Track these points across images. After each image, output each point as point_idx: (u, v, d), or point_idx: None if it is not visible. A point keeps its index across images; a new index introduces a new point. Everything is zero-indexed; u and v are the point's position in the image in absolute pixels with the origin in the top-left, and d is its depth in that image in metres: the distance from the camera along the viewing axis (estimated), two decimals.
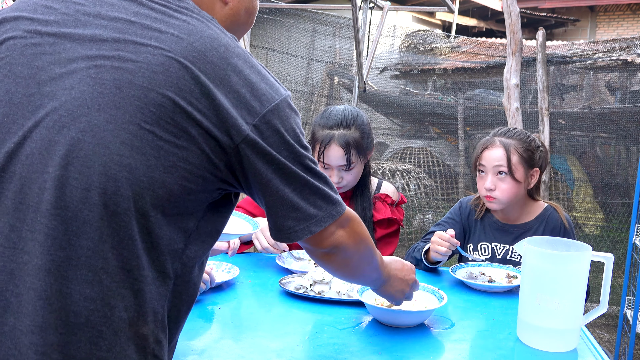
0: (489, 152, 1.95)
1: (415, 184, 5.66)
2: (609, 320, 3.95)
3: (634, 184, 4.01)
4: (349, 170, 1.95)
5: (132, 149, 0.81)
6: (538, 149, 1.98)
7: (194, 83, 0.84)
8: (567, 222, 1.97)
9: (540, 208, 2.02)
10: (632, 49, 5.13)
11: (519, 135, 1.97)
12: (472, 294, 1.70)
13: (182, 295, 0.92)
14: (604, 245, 4.77)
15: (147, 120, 0.82)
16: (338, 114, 1.97)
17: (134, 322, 0.83)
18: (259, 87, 0.89)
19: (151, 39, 0.85)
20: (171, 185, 0.84)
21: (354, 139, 1.93)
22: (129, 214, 0.81)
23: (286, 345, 1.28)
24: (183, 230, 0.88)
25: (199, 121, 0.84)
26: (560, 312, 1.30)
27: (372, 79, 6.51)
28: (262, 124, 0.88)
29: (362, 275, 1.16)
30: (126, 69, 0.83)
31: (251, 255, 2.01)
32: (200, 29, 0.88)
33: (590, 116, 5.17)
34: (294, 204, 0.93)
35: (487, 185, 1.93)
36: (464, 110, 6.07)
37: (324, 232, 0.97)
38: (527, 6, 10.76)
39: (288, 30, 6.77)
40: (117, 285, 0.81)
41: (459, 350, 1.31)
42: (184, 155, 0.84)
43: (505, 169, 1.91)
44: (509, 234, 1.99)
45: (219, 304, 1.52)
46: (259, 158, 0.89)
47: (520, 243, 1.41)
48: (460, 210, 2.12)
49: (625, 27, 12.24)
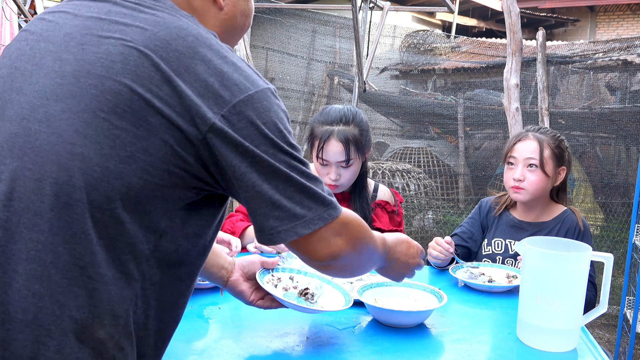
0: (522, 144, 2.00)
1: (415, 184, 5.65)
2: (609, 320, 3.95)
3: (634, 184, 4.01)
4: (347, 167, 1.95)
5: (85, 138, 0.79)
6: (567, 149, 2.04)
7: (153, 70, 0.81)
8: (583, 224, 2.00)
9: (559, 210, 2.05)
10: (632, 49, 5.13)
11: (551, 132, 2.04)
12: (472, 294, 1.70)
13: (151, 300, 0.86)
14: (604, 245, 4.77)
15: (103, 109, 0.79)
16: (337, 111, 1.98)
17: (87, 324, 0.78)
18: (230, 77, 0.84)
19: (115, 32, 0.84)
20: (129, 178, 0.80)
21: (353, 135, 1.94)
22: (81, 206, 0.78)
23: (286, 345, 1.28)
24: (151, 230, 0.83)
25: (159, 109, 0.80)
26: (560, 312, 1.30)
27: (372, 79, 6.51)
28: (232, 114, 0.83)
29: (363, 272, 1.12)
30: (86, 60, 0.82)
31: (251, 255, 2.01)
32: (168, 21, 0.86)
33: (590, 116, 5.17)
34: (275, 202, 0.86)
35: (517, 176, 1.97)
36: (464, 110, 6.07)
37: (316, 237, 0.90)
38: (527, 6, 10.76)
39: (288, 30, 6.77)
40: (68, 282, 0.77)
41: (459, 350, 1.31)
42: (143, 145, 0.80)
43: (537, 162, 1.96)
44: (524, 231, 2.02)
45: (219, 304, 1.52)
46: (230, 149, 0.83)
47: (521, 243, 1.41)
48: (480, 209, 2.17)
49: (625, 27, 12.24)
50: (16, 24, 3.73)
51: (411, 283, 1.56)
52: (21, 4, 3.54)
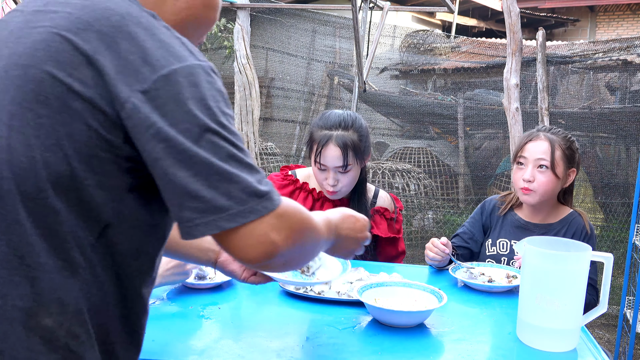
0: (533, 144, 1.96)
1: (415, 184, 5.65)
2: (609, 320, 3.95)
3: (634, 184, 4.00)
4: (345, 173, 1.93)
5: (11, 130, 0.79)
6: (577, 150, 2.01)
7: (74, 53, 0.79)
8: (590, 228, 1.97)
9: (566, 212, 2.02)
10: (632, 49, 5.12)
11: (562, 133, 2.00)
12: (472, 294, 1.70)
13: (108, 287, 0.83)
14: (604, 245, 4.77)
15: (27, 99, 0.79)
16: (337, 116, 1.97)
17: (33, 313, 0.78)
18: (153, 54, 0.79)
19: (44, 21, 0.83)
20: (57, 166, 0.78)
21: (352, 141, 1.92)
22: (12, 197, 0.78)
23: (286, 345, 1.28)
24: (92, 219, 0.81)
25: (80, 93, 0.78)
26: (560, 312, 1.30)
27: (372, 79, 6.51)
28: (153, 90, 0.77)
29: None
30: (16, 52, 0.82)
31: None
32: (96, 2, 0.84)
33: (590, 116, 5.17)
34: (192, 191, 0.77)
35: (527, 177, 1.93)
36: (464, 110, 6.07)
37: (244, 232, 0.79)
38: (527, 6, 10.76)
39: (288, 30, 6.77)
40: (7, 272, 0.78)
41: (459, 350, 1.31)
42: (67, 131, 0.78)
43: (548, 163, 1.92)
44: (529, 232, 1.97)
45: (219, 304, 1.52)
46: (142, 131, 0.77)
47: (521, 243, 1.41)
48: (483, 208, 2.13)
49: (625, 27, 12.24)
50: None
51: (411, 283, 1.56)
52: None
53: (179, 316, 1.43)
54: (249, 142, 4.09)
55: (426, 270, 1.94)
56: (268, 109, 7.14)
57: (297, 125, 7.08)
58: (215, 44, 7.93)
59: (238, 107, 4.11)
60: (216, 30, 7.71)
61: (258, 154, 4.31)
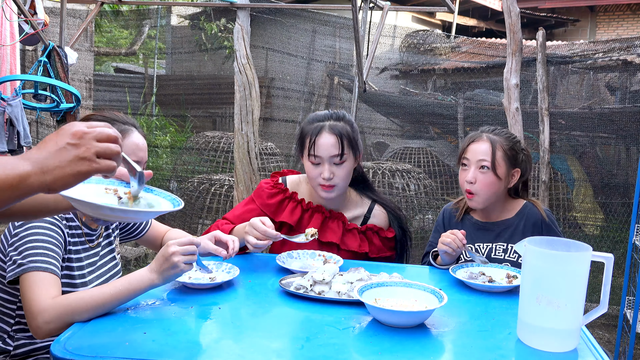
0: (475, 145, 1.99)
1: (415, 184, 5.65)
2: (609, 320, 3.95)
3: (634, 184, 4.00)
4: (340, 165, 1.91)
5: None
6: (522, 151, 2.03)
7: None
8: (547, 216, 1.99)
9: (519, 205, 2.04)
10: (632, 49, 5.12)
11: (505, 134, 2.02)
12: (472, 294, 1.70)
13: None
14: (604, 245, 4.77)
15: None
16: (326, 111, 1.98)
17: None
18: None
19: None
20: None
21: (346, 130, 1.91)
22: None
23: (286, 345, 1.28)
24: None
25: None
26: (560, 312, 1.30)
27: (372, 79, 6.51)
28: None
29: None
30: None
31: (251, 256, 2.01)
32: None
33: (590, 116, 5.17)
34: None
35: (469, 178, 1.96)
36: (464, 110, 6.06)
37: None
38: (527, 6, 10.76)
39: (288, 30, 6.77)
40: None
41: (459, 350, 1.31)
42: None
43: (489, 164, 1.94)
44: (490, 232, 2.02)
45: (219, 304, 1.52)
46: None
47: (521, 243, 1.41)
48: (443, 217, 2.15)
49: (625, 27, 12.24)
50: (16, 24, 3.73)
51: (411, 283, 1.56)
52: (21, 4, 3.54)
53: (179, 316, 1.43)
54: (249, 142, 4.08)
55: (426, 270, 1.94)
56: (268, 109, 7.14)
57: (297, 126, 7.08)
58: (215, 44, 7.93)
59: (238, 107, 4.10)
60: (216, 30, 7.71)
61: (258, 154, 4.31)
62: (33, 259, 1.48)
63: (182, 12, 8.78)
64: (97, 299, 1.39)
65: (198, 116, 8.00)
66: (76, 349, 1.22)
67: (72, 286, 1.60)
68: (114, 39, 11.05)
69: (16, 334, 1.63)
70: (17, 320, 1.63)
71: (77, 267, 1.63)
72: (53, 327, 1.38)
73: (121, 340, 1.27)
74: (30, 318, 1.40)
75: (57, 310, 1.38)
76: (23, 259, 1.48)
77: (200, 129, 7.44)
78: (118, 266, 1.83)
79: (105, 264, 1.76)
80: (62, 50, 3.83)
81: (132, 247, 4.96)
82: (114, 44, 10.76)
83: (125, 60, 11.44)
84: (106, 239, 1.79)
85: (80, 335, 1.30)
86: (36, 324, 1.38)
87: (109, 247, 1.80)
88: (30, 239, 1.51)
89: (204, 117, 8.12)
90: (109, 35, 10.64)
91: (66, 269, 1.60)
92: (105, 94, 8.25)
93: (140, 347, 1.24)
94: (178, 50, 8.71)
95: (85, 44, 7.04)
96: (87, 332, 1.32)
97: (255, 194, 2.11)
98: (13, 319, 1.63)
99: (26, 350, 1.63)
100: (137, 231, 1.97)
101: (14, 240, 1.52)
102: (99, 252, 1.74)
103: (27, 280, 1.44)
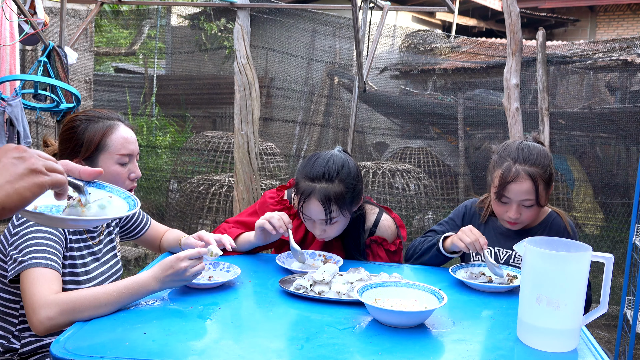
0: (516, 186, 1.84)
1: (415, 184, 5.65)
2: (609, 320, 3.95)
3: (634, 184, 4.00)
4: (332, 224, 1.89)
5: None
6: (552, 162, 1.93)
7: None
8: (571, 228, 1.97)
9: (544, 214, 2.01)
10: (632, 49, 5.13)
11: (540, 160, 1.87)
12: (472, 294, 1.70)
13: None
14: (604, 245, 4.77)
15: None
16: (321, 165, 1.87)
17: None
18: None
19: None
20: None
21: (336, 194, 1.83)
22: None
23: (286, 346, 1.28)
24: None
25: None
26: (560, 312, 1.30)
27: (372, 79, 6.51)
28: None
29: None
30: None
31: (251, 256, 2.01)
32: None
33: (590, 116, 5.17)
34: None
35: (512, 216, 1.89)
36: (464, 110, 6.06)
37: None
38: (527, 6, 10.76)
39: (288, 30, 6.77)
40: None
41: (459, 350, 1.31)
42: None
43: (533, 201, 1.86)
44: (511, 239, 1.96)
45: (219, 304, 1.52)
46: None
47: (521, 243, 1.41)
48: (465, 213, 2.10)
49: (625, 27, 12.24)
50: (16, 24, 3.73)
51: (411, 283, 1.56)
52: (21, 4, 3.54)
53: (179, 316, 1.43)
54: (249, 142, 4.08)
55: (426, 270, 1.94)
56: (268, 109, 7.14)
57: (297, 125, 7.08)
58: (215, 44, 7.93)
59: (238, 107, 4.10)
60: (216, 30, 7.71)
61: (258, 154, 4.31)
62: (33, 255, 1.48)
63: (182, 12, 8.78)
64: (100, 298, 1.40)
65: (198, 116, 8.01)
66: (76, 349, 1.22)
67: (77, 283, 1.61)
68: (114, 39, 11.05)
69: (21, 333, 1.63)
70: (21, 320, 1.63)
71: (80, 264, 1.64)
72: (55, 323, 1.38)
73: (121, 340, 1.27)
74: (31, 312, 1.40)
75: (60, 307, 1.38)
76: (23, 256, 1.48)
77: (200, 129, 7.44)
78: (120, 263, 1.84)
79: (108, 261, 1.77)
80: (62, 50, 3.83)
81: (132, 247, 4.96)
82: (114, 44, 10.77)
83: (125, 60, 11.44)
84: (108, 236, 1.80)
85: (80, 335, 1.30)
86: (37, 319, 1.38)
87: (111, 245, 1.81)
88: (31, 236, 1.51)
89: (204, 117, 8.12)
90: (109, 35, 10.65)
91: (70, 267, 1.61)
92: (105, 94, 8.26)
93: (140, 347, 1.24)
94: (178, 50, 8.71)
95: (85, 44, 7.03)
96: (87, 332, 1.32)
97: (259, 207, 2.10)
98: (17, 319, 1.64)
99: (33, 348, 1.63)
100: (135, 230, 1.97)
101: (15, 239, 1.52)
102: (101, 249, 1.75)
103: (28, 277, 1.45)
